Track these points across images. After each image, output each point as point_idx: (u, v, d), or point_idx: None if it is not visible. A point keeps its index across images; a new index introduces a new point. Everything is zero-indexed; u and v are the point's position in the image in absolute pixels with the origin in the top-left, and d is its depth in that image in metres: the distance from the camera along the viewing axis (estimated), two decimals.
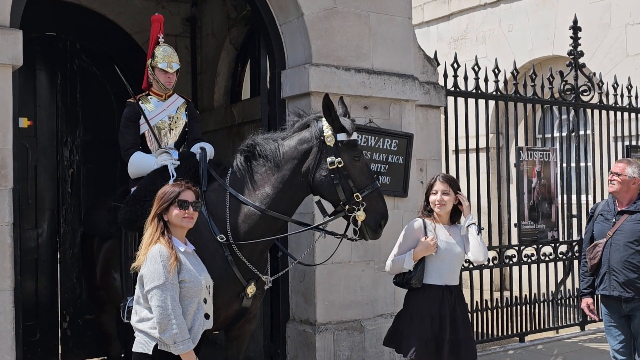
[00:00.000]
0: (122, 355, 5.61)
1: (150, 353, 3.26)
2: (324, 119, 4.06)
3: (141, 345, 3.32)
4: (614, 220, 4.80)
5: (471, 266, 6.73)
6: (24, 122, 6.01)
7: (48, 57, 6.72)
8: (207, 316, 3.42)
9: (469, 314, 4.40)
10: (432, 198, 4.12)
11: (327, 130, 4.00)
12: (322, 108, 4.00)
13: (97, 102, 6.93)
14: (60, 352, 6.65)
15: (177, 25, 7.70)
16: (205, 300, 3.41)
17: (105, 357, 5.80)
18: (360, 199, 3.94)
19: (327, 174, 3.97)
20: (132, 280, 4.47)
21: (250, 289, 4.09)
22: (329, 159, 3.95)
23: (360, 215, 3.94)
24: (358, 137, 4.28)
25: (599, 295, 4.95)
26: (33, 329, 6.40)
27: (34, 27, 5.93)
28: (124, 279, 4.59)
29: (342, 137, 4.00)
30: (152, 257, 3.29)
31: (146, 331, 3.29)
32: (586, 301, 4.97)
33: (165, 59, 4.81)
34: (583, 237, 5.54)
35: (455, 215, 4.21)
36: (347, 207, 3.96)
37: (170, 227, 3.44)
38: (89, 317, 6.45)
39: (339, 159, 3.95)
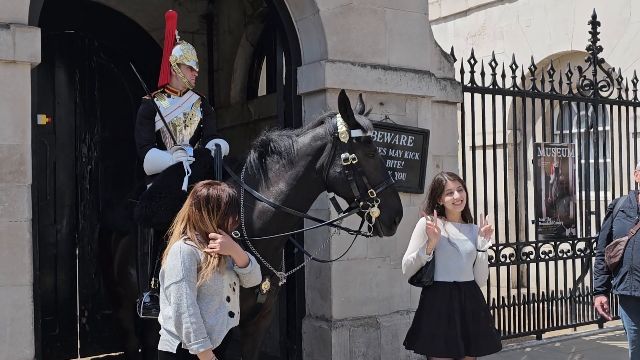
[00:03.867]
0: (140, 350, 5.65)
1: (174, 352, 3.21)
2: (338, 115, 4.06)
3: (166, 343, 3.27)
4: (637, 217, 4.63)
5: (488, 263, 6.70)
6: (42, 119, 6.05)
7: (66, 54, 6.78)
8: (231, 314, 3.35)
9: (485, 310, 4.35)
10: (447, 199, 4.10)
11: (342, 127, 4.00)
12: (337, 104, 4.00)
13: (115, 99, 6.98)
14: (79, 346, 6.72)
15: (193, 22, 7.74)
16: (228, 299, 3.34)
17: (123, 352, 5.85)
18: (375, 195, 3.94)
19: (341, 171, 3.97)
20: (147, 275, 4.52)
21: (265, 285, 4.09)
22: (343, 156, 3.95)
23: (375, 212, 3.94)
24: (374, 133, 4.26)
25: (617, 295, 4.84)
26: (52, 324, 6.47)
27: (53, 25, 5.98)
28: (140, 275, 4.62)
29: (356, 133, 4.00)
30: (173, 254, 3.24)
31: (170, 329, 3.24)
32: (600, 300, 4.82)
33: (192, 57, 4.87)
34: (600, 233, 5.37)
35: (465, 213, 4.21)
36: (361, 203, 3.96)
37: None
38: (107, 312, 6.51)
39: (353, 155, 3.95)
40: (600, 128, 7.90)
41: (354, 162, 3.95)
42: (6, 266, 4.27)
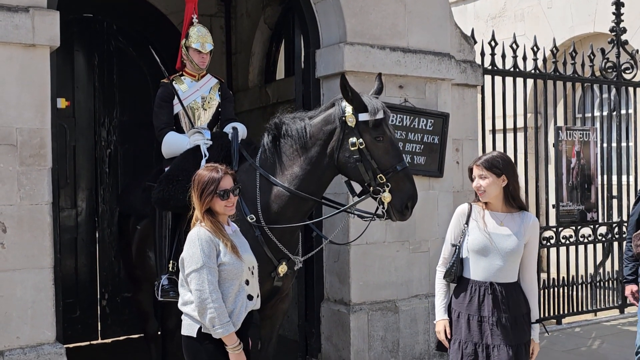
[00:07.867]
0: (159, 332, 5.69)
1: (195, 336, 3.26)
2: None
3: (187, 328, 3.32)
4: None
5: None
6: (62, 103, 6.08)
7: (85, 38, 6.79)
8: (250, 297, 3.37)
9: None
10: (474, 185, 3.55)
11: (349, 111, 3.94)
12: (340, 89, 3.94)
13: (134, 83, 6.99)
14: (99, 329, 6.79)
15: (211, 5, 7.70)
16: (247, 282, 3.36)
17: (143, 335, 5.89)
18: (385, 180, 3.85)
19: (350, 155, 3.90)
20: (165, 259, 4.53)
21: (282, 269, 4.09)
22: (350, 140, 3.89)
23: (386, 197, 3.85)
24: (392, 115, 4.19)
25: None
26: (73, 306, 6.54)
27: (72, 9, 5.97)
28: (158, 258, 4.64)
29: (364, 117, 3.91)
30: (191, 241, 3.27)
31: (190, 314, 3.29)
32: (630, 288, 4.69)
33: (200, 39, 4.82)
34: (628, 218, 5.25)
35: (515, 200, 3.49)
36: (372, 188, 3.90)
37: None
38: (127, 295, 6.56)
39: (361, 139, 3.87)
40: (623, 111, 7.78)
41: (361, 146, 3.87)
42: (27, 249, 4.30)
